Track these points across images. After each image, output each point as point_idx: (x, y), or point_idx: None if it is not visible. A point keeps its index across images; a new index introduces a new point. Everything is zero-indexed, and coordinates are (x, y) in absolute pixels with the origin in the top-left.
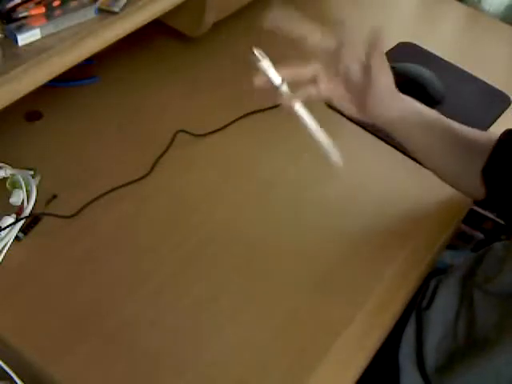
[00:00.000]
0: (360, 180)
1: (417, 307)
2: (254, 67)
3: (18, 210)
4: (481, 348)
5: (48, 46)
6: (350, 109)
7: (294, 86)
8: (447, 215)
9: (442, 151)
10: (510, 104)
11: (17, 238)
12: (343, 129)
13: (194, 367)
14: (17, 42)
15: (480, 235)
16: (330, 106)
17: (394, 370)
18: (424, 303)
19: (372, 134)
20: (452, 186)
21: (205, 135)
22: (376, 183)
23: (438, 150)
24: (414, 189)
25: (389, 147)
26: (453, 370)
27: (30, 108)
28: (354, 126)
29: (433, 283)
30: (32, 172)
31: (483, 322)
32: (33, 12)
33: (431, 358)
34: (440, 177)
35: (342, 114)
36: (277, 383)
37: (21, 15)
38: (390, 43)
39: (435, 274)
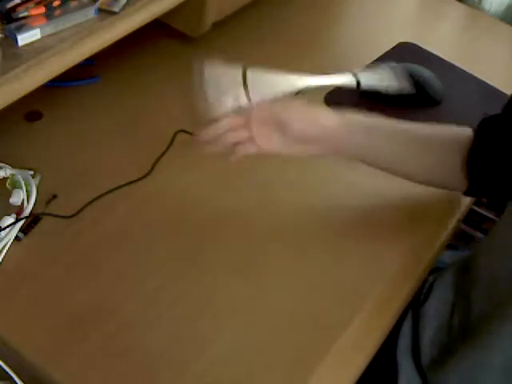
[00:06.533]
0: (359, 180)
1: (414, 303)
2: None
3: (18, 210)
4: (474, 339)
5: (48, 46)
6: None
7: None
8: (447, 215)
9: (412, 154)
10: None
11: (17, 237)
12: None
13: (194, 367)
14: (17, 42)
15: (480, 235)
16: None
17: (393, 366)
18: (420, 299)
19: None
20: (430, 185)
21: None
22: (375, 183)
23: (407, 153)
24: (413, 188)
25: None
26: (447, 362)
27: (30, 108)
28: None
29: (430, 279)
30: (32, 172)
31: (477, 314)
32: (33, 12)
33: (426, 352)
34: (416, 180)
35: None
36: (277, 383)
37: (21, 15)
38: (390, 43)
39: (434, 272)
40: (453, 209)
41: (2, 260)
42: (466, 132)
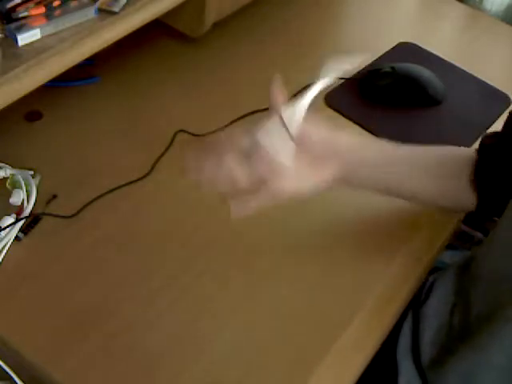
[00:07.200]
0: None
1: (414, 303)
2: None
3: (18, 210)
4: (473, 339)
5: (48, 46)
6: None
7: None
8: (447, 215)
9: (417, 177)
10: (510, 104)
11: (17, 238)
12: (343, 128)
13: (194, 367)
14: (17, 42)
15: (480, 235)
16: (330, 106)
17: (393, 366)
18: (421, 299)
19: (372, 133)
20: (437, 206)
21: (205, 135)
22: None
23: (412, 177)
24: None
25: None
26: (447, 362)
27: (29, 108)
28: (354, 126)
29: (430, 280)
30: (32, 172)
31: (477, 314)
32: (33, 12)
33: (426, 352)
34: (422, 202)
35: (341, 113)
36: (277, 383)
37: (21, 15)
38: (390, 43)
39: (434, 272)
40: None
41: (2, 260)
42: (469, 151)
